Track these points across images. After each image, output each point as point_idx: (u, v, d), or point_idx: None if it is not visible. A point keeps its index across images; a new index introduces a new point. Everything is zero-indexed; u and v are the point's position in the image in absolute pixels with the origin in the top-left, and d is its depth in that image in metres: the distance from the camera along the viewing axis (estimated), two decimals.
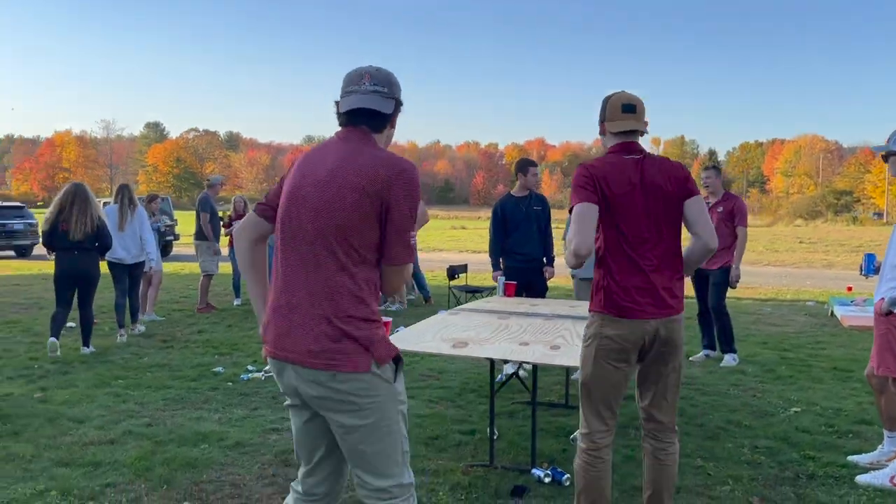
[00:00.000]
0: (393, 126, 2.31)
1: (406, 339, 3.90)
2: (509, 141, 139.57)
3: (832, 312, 9.59)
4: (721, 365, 6.60)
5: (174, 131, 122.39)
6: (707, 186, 6.74)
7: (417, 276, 10.54)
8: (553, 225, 6.63)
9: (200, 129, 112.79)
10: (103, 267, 7.20)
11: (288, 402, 2.30)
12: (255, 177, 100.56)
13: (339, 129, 2.26)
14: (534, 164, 6.63)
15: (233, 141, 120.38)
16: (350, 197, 2.10)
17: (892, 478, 3.78)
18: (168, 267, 13.78)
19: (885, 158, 3.83)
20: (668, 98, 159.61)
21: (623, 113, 2.92)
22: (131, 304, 8.00)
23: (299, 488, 2.37)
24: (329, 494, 2.37)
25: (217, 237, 10.08)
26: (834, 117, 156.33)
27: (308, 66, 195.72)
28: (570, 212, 2.80)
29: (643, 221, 2.81)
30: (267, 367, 6.30)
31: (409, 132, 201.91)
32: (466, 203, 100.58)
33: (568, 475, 3.80)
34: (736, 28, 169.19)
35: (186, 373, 6.16)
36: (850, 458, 4.20)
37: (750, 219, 8.40)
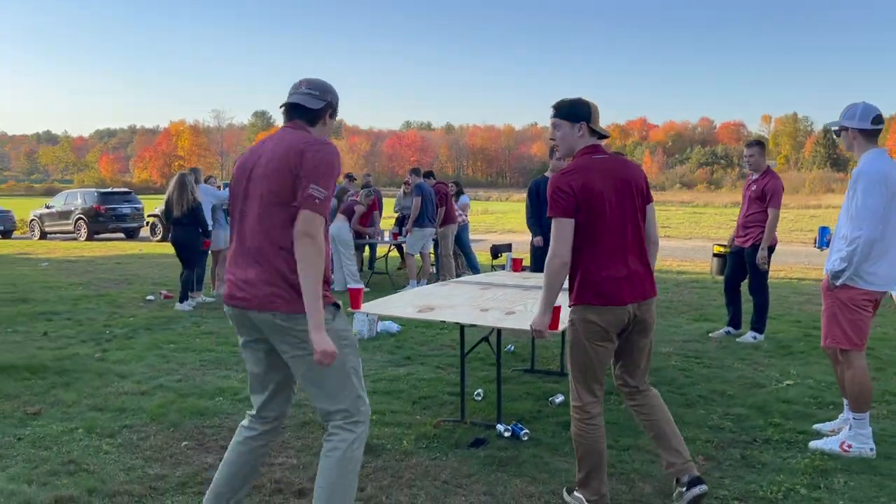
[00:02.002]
0: (325, 123, 2.78)
1: (380, 304, 4.33)
2: (609, 121, 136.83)
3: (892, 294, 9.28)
4: (738, 340, 6.66)
5: (280, 120, 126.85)
6: (749, 164, 6.67)
7: (468, 255, 10.93)
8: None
9: None
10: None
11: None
12: (356, 162, 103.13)
13: (284, 124, 2.78)
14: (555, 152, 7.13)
15: (336, 128, 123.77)
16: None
17: (843, 443, 3.91)
18: None
19: (838, 134, 3.91)
20: (780, 75, 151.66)
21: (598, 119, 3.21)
22: (197, 276, 8.95)
23: (253, 412, 2.83)
24: (279, 417, 2.86)
25: None
26: None
27: (408, 51, 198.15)
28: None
29: (617, 213, 3.09)
30: None
31: (505, 115, 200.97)
32: None
33: (527, 431, 4.14)
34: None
35: (231, 339, 6.82)
36: (815, 426, 4.32)
37: None
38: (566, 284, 3.12)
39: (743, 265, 6.76)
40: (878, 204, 3.64)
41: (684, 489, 3.18)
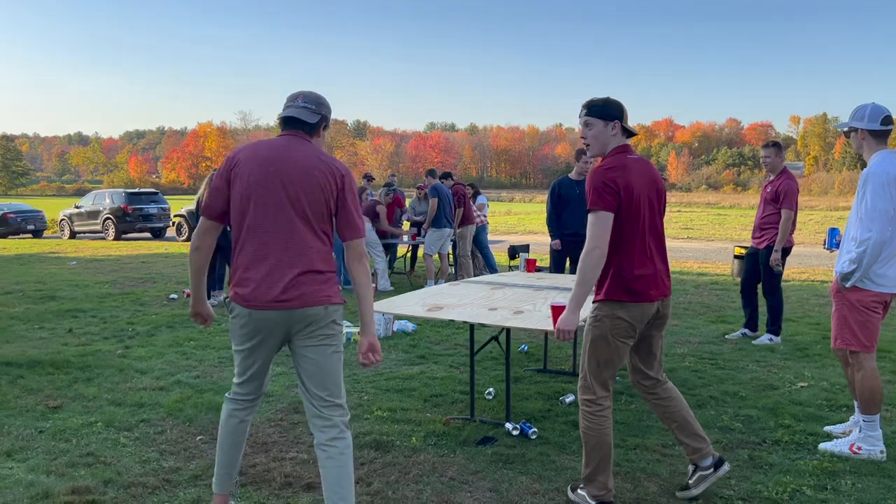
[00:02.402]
0: (319, 135, 2.98)
1: (393, 303, 4.39)
2: (635, 122, 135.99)
3: None
4: (754, 343, 6.63)
5: None
6: (766, 165, 6.64)
7: (487, 255, 10.98)
8: (669, 208, 7.04)
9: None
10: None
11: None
12: (380, 164, 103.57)
13: (283, 132, 2.94)
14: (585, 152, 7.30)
15: (360, 129, 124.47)
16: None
17: (853, 445, 3.89)
18: None
19: (847, 135, 3.90)
20: (809, 75, 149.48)
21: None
22: (219, 276, 9.08)
23: (244, 393, 2.99)
24: (257, 398, 3.04)
25: None
26: None
27: (432, 53, 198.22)
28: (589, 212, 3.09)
29: (648, 213, 3.18)
30: None
31: (529, 116, 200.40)
32: None
33: (535, 429, 4.18)
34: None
35: None
36: (826, 428, 4.31)
37: None
38: (562, 284, 3.16)
39: (759, 267, 6.73)
40: (888, 205, 3.62)
41: (709, 471, 3.35)
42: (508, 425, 4.24)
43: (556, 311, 3.75)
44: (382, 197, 10.86)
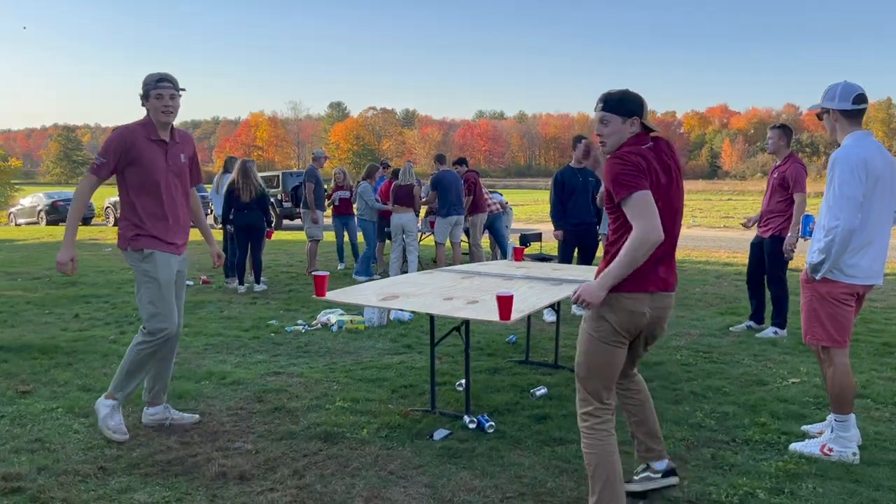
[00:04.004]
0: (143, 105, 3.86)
1: (347, 292, 4.30)
2: (689, 108, 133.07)
3: None
4: (757, 336, 6.34)
5: (354, 110, 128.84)
6: (770, 149, 6.36)
7: (502, 244, 10.81)
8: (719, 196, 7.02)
9: (378, 108, 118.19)
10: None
11: None
12: (428, 152, 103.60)
13: None
14: (581, 138, 7.40)
15: (409, 118, 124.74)
16: None
17: (823, 446, 3.66)
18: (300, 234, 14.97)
19: (819, 117, 3.63)
20: (872, 59, 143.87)
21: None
22: (253, 262, 9.27)
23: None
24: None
25: (320, 206, 10.87)
26: None
27: (481, 39, 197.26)
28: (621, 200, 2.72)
29: (675, 203, 2.87)
30: (312, 322, 6.95)
31: (579, 103, 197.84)
32: None
33: (492, 423, 4.04)
34: None
35: (244, 324, 6.95)
36: (803, 427, 4.07)
37: None
38: (536, 274, 3.00)
39: (764, 257, 6.43)
40: (856, 192, 3.36)
41: (658, 476, 3.18)
42: (466, 418, 4.12)
43: (501, 301, 3.61)
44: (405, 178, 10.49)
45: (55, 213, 24.84)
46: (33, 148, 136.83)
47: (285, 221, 21.52)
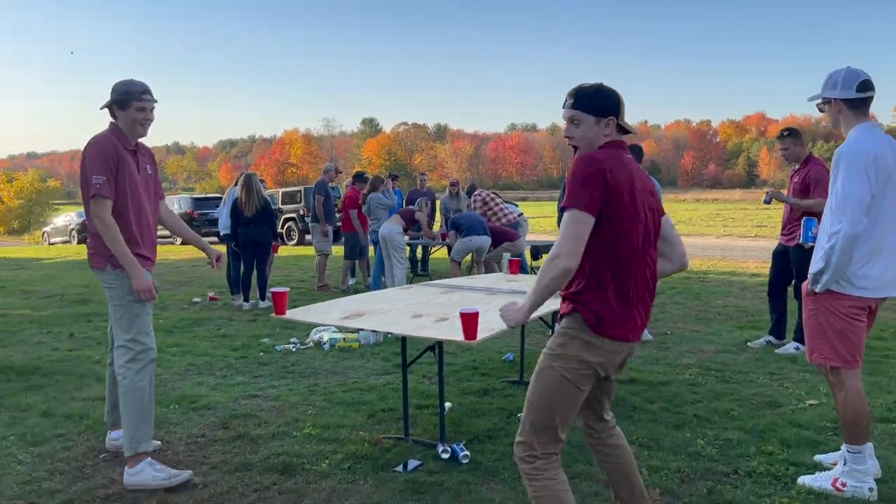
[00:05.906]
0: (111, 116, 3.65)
1: (310, 310, 3.99)
2: (724, 117, 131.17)
3: None
4: (777, 351, 5.88)
5: (387, 126, 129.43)
6: (786, 158, 5.96)
7: (521, 254, 10.43)
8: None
9: (409, 123, 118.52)
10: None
11: None
12: (460, 166, 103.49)
13: None
14: None
15: (441, 132, 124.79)
16: None
17: (836, 480, 3.23)
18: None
19: (821, 109, 3.23)
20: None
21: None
22: (259, 278, 9.03)
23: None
24: None
25: (329, 219, 10.61)
26: None
27: (513, 52, 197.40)
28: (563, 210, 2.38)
29: (643, 228, 2.48)
30: (306, 340, 6.66)
31: None
32: (674, 185, 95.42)
33: (467, 453, 3.69)
34: None
35: (236, 342, 6.69)
36: (816, 457, 3.63)
37: None
38: (522, 288, 2.66)
39: (789, 266, 5.99)
40: (863, 191, 2.95)
41: None
42: (440, 447, 3.77)
43: (465, 318, 3.28)
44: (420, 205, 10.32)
45: (85, 232, 25.12)
46: (77, 169, 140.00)
47: (307, 237, 21.44)
